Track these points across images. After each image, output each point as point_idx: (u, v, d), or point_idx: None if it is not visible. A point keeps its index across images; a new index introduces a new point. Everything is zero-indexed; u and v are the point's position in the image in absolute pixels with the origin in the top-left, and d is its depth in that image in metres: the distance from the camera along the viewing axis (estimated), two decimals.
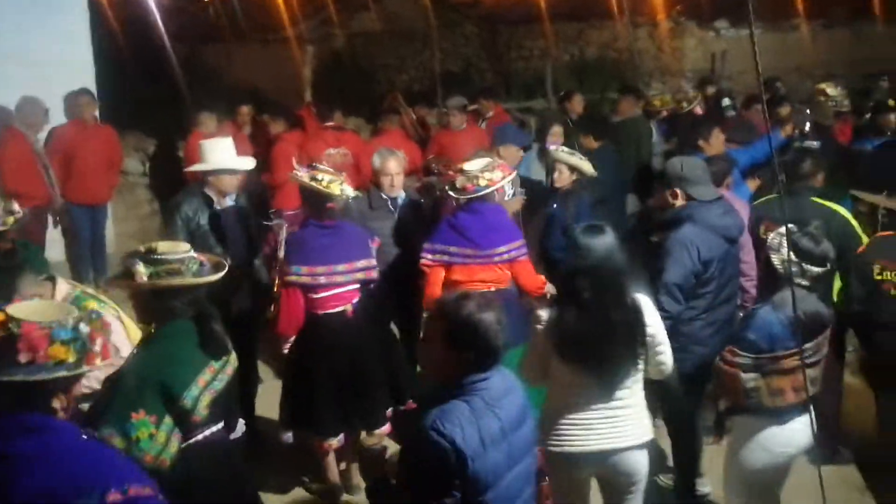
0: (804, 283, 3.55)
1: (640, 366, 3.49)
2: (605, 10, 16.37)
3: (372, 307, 4.71)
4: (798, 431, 3.59)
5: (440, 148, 7.87)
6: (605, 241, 3.39)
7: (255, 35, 15.51)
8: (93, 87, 8.14)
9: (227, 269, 3.24)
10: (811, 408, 3.49)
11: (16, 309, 2.21)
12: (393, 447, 3.48)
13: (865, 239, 4.82)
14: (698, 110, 9.17)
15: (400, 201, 5.58)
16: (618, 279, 3.38)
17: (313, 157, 6.97)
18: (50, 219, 7.50)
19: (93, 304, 3.51)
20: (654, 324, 3.52)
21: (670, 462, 4.81)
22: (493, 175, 4.84)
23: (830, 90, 8.69)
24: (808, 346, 3.50)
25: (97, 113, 8.04)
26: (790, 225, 3.54)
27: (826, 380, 4.73)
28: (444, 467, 2.42)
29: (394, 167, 5.49)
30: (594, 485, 3.73)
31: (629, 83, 11.61)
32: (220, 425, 3.14)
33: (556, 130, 7.25)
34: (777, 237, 3.62)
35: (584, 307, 3.32)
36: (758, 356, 3.52)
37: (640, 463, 3.53)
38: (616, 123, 8.41)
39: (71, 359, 2.18)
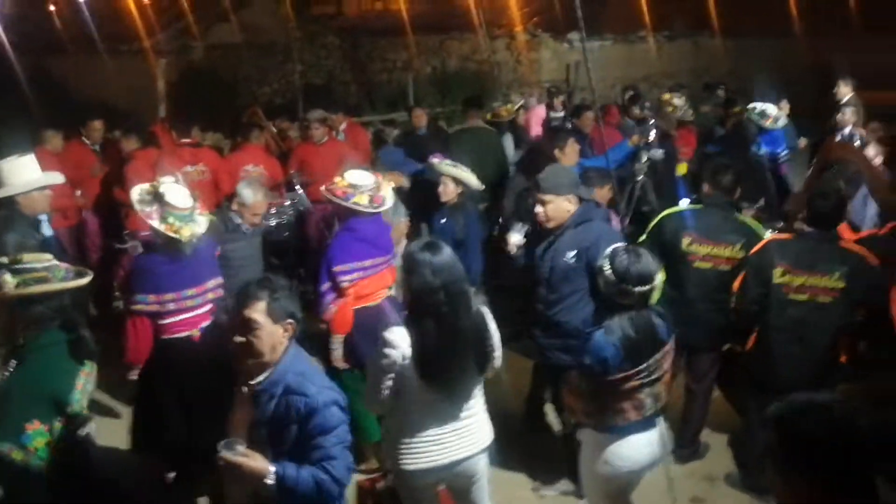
0: (629, 302, 3.53)
1: (484, 374, 3.54)
2: (465, 22, 16.71)
3: (220, 331, 4.52)
4: (641, 448, 3.65)
5: (301, 162, 7.79)
6: (445, 258, 3.37)
7: (106, 46, 14.85)
8: None
9: (91, 275, 3.24)
10: (659, 422, 3.67)
11: None
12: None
13: None
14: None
15: (251, 228, 5.45)
16: (465, 292, 3.40)
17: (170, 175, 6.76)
18: None
19: None
20: (494, 330, 3.55)
21: None
22: (388, 192, 4.87)
23: (675, 100, 9.08)
24: (645, 365, 3.52)
25: None
26: (617, 247, 3.64)
27: (703, 385, 5.04)
28: (343, 410, 2.89)
29: (261, 205, 5.40)
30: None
31: (489, 94, 11.86)
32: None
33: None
34: (603, 260, 3.60)
35: (442, 322, 3.32)
36: (594, 380, 3.55)
37: (482, 464, 3.61)
38: (455, 134, 8.52)
39: None
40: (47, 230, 4.88)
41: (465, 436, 3.49)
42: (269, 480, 2.71)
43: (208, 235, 4.84)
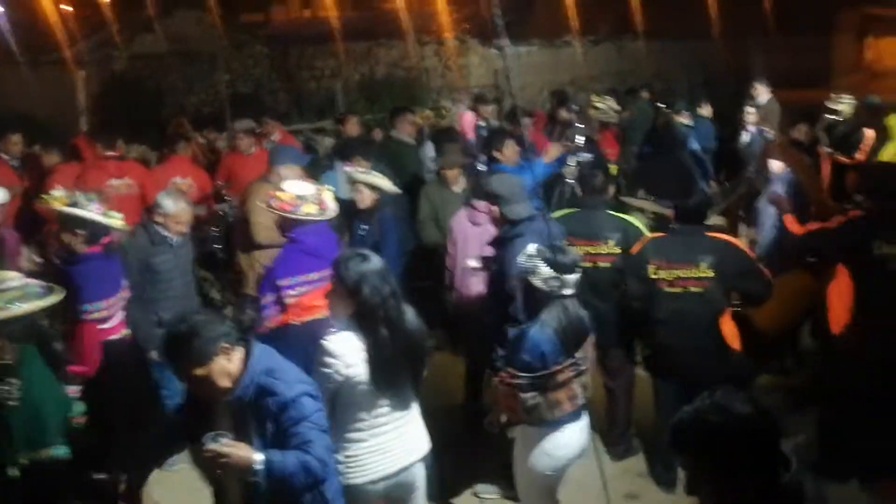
0: (569, 292, 3.70)
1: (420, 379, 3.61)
2: (394, 28, 16.69)
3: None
4: (575, 435, 3.81)
5: (229, 173, 7.71)
6: (376, 265, 3.45)
7: (24, 57, 14.37)
8: None
9: (62, 292, 3.38)
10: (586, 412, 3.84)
11: None
12: None
13: None
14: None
15: (177, 238, 5.39)
16: (397, 298, 3.46)
17: (92, 190, 6.62)
18: None
19: None
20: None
21: None
22: (331, 198, 4.84)
23: (600, 103, 9.31)
24: (578, 355, 3.72)
25: None
26: (537, 246, 3.76)
27: (621, 380, 5.21)
28: (315, 398, 2.96)
29: (185, 215, 5.35)
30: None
31: (419, 100, 11.89)
32: None
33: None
34: (529, 259, 3.69)
35: (394, 329, 3.39)
36: (533, 375, 3.63)
37: (421, 473, 3.66)
38: (380, 143, 8.54)
39: None
40: None
41: (406, 442, 3.53)
42: (258, 466, 2.79)
43: (136, 240, 5.10)
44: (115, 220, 4.68)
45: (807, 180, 6.13)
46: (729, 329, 4.65)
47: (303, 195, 4.70)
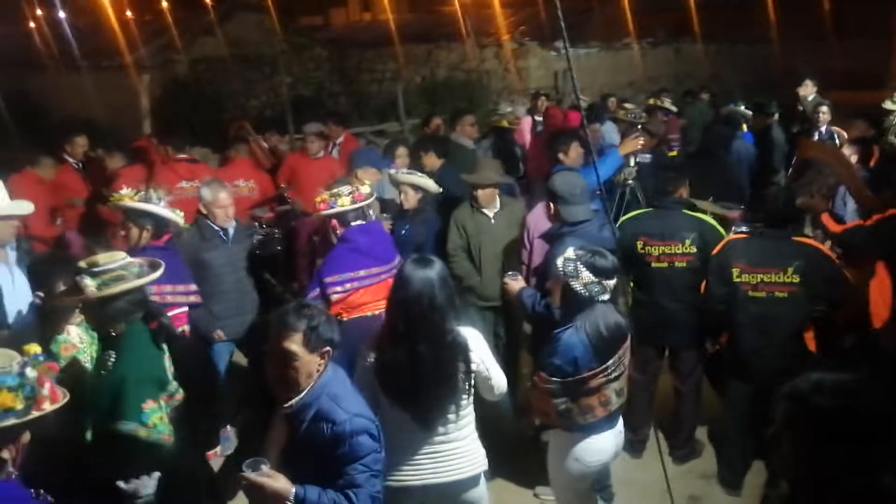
0: (606, 298, 3.64)
1: (466, 401, 3.42)
2: (453, 31, 16.65)
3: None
4: (608, 442, 3.77)
5: (292, 175, 7.57)
6: (426, 275, 3.29)
7: (87, 62, 14.54)
8: None
9: (163, 267, 3.55)
10: (620, 418, 3.83)
11: None
12: None
13: None
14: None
15: (230, 232, 5.44)
16: (432, 315, 3.27)
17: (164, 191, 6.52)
18: None
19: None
20: (481, 358, 3.46)
21: None
22: (366, 187, 4.92)
23: (627, 104, 9.21)
24: (611, 361, 3.63)
25: None
26: (577, 249, 3.71)
27: (691, 383, 5.10)
28: (375, 438, 2.80)
29: (225, 199, 5.40)
30: None
31: (479, 103, 11.76)
32: None
33: (401, 152, 7.18)
34: (569, 263, 3.64)
35: (397, 342, 3.28)
36: (564, 380, 3.59)
37: (472, 493, 3.51)
38: (454, 142, 8.38)
39: (19, 406, 2.21)
40: (11, 260, 4.57)
41: (441, 460, 3.41)
42: (289, 503, 2.69)
43: (187, 237, 5.22)
44: (180, 219, 4.84)
45: (846, 176, 5.89)
46: (808, 333, 4.62)
47: (337, 192, 4.81)
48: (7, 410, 2.18)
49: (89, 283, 3.28)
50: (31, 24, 16.74)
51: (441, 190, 5.85)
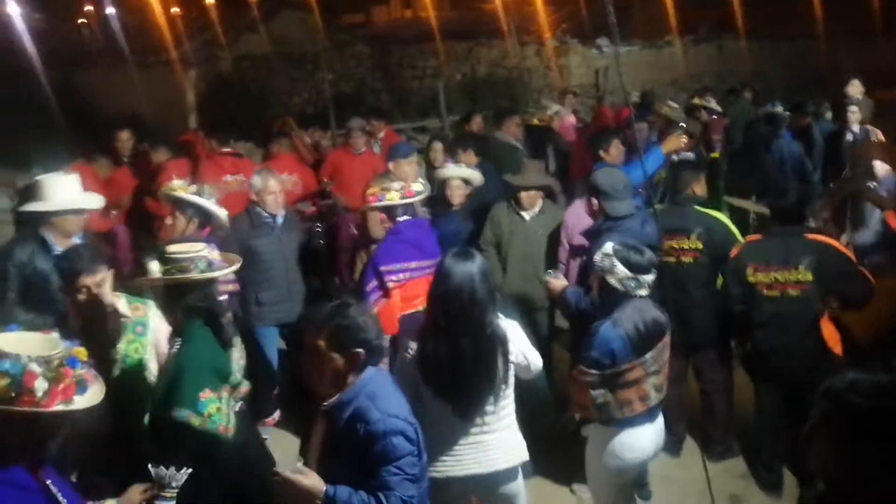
0: (643, 293, 3.64)
1: (505, 391, 3.43)
2: (494, 29, 16.63)
3: None
4: (647, 438, 3.73)
5: (335, 170, 7.60)
6: (467, 268, 3.30)
7: (134, 58, 14.80)
8: None
9: (237, 264, 3.60)
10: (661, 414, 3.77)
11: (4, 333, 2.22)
12: None
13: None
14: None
15: (280, 220, 5.48)
16: (472, 309, 3.27)
17: (209, 184, 6.60)
18: None
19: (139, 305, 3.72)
20: (520, 350, 3.49)
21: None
22: (418, 185, 4.95)
23: (670, 101, 9.09)
24: (648, 355, 3.62)
25: None
26: (614, 244, 3.69)
27: (715, 382, 5.03)
28: (411, 441, 2.72)
29: (275, 185, 5.46)
30: None
31: (519, 100, 11.74)
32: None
33: (437, 147, 7.18)
34: (605, 258, 3.65)
35: (439, 334, 3.29)
36: (602, 372, 3.59)
37: (511, 485, 3.53)
38: (492, 139, 8.35)
39: (5, 394, 2.14)
40: None
41: (483, 451, 3.44)
42: (319, 501, 2.67)
43: (236, 225, 5.25)
44: (223, 215, 4.92)
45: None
46: (829, 332, 4.50)
47: (387, 186, 4.86)
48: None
49: (155, 268, 3.36)
50: (81, 21, 17.07)
51: (483, 181, 5.83)
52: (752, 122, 8.76)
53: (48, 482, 2.28)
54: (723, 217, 5.07)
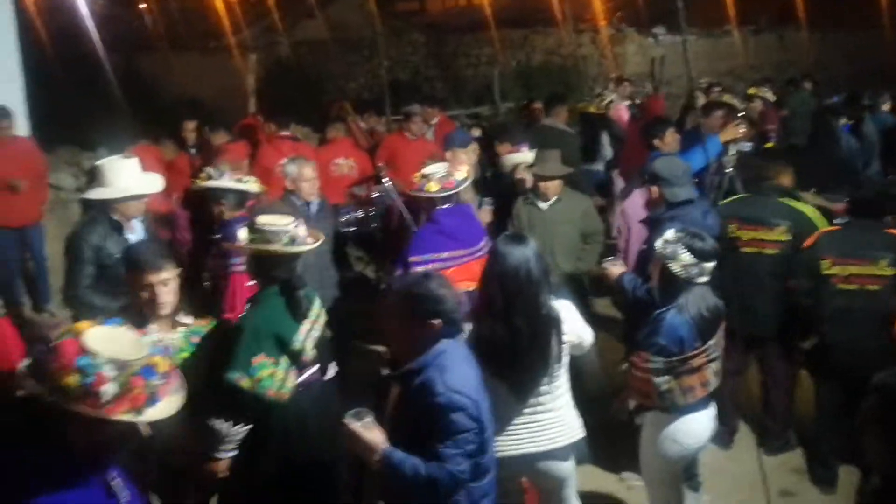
0: (704, 280, 3.65)
1: (559, 371, 3.50)
2: (549, 16, 16.53)
3: None
4: (704, 424, 3.76)
5: (390, 155, 7.67)
6: (522, 251, 3.37)
7: (194, 43, 15.08)
8: (21, 100, 7.68)
9: (321, 240, 3.76)
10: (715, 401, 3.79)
11: (95, 328, 2.14)
12: None
13: None
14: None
15: (314, 207, 5.53)
16: (528, 290, 3.35)
17: (266, 167, 6.69)
18: None
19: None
20: (575, 329, 3.57)
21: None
22: (461, 174, 4.96)
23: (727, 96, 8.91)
24: (711, 341, 3.65)
25: (11, 127, 7.48)
26: (677, 231, 3.69)
27: (778, 375, 4.99)
28: (471, 418, 2.77)
29: (310, 173, 5.53)
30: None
31: (574, 88, 11.67)
32: (317, 367, 3.72)
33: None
34: (669, 245, 3.65)
35: (495, 315, 3.35)
36: (669, 359, 3.59)
37: (564, 465, 3.60)
38: (537, 128, 8.31)
39: (73, 391, 2.01)
40: (139, 234, 4.78)
41: (538, 430, 3.50)
42: (376, 457, 2.80)
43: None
44: (250, 184, 5.11)
45: None
46: None
47: (428, 174, 4.89)
48: (60, 388, 2.01)
49: (243, 235, 3.59)
50: (143, 6, 17.42)
51: None
52: (817, 113, 8.59)
53: (111, 481, 2.22)
54: (810, 210, 4.96)
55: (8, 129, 7.18)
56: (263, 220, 3.58)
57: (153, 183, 4.83)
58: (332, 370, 3.88)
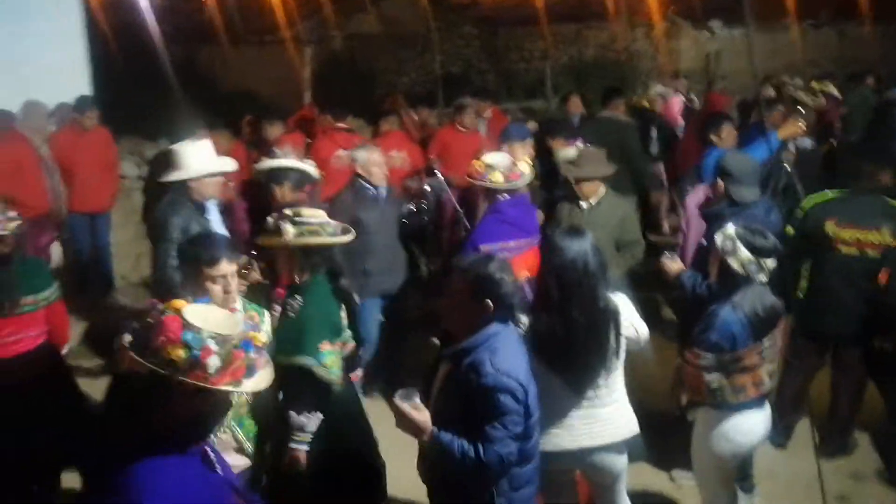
0: (763, 278, 3.62)
1: (616, 365, 3.52)
2: (603, 11, 16.38)
3: None
4: (758, 423, 3.74)
5: (442, 147, 7.74)
6: (580, 245, 3.39)
7: (251, 37, 15.31)
8: (88, 92, 7.96)
9: (354, 234, 3.86)
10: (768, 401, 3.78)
11: (190, 306, 2.28)
12: None
13: None
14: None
15: (383, 192, 5.65)
16: (586, 283, 3.37)
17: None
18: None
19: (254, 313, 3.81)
20: (632, 324, 3.58)
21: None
22: (524, 165, 5.01)
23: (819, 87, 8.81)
24: (766, 341, 3.62)
25: (96, 118, 7.80)
26: (737, 226, 3.65)
27: (851, 378, 4.91)
28: (518, 401, 2.83)
29: (379, 158, 5.66)
30: None
31: (628, 83, 11.60)
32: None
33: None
34: (728, 241, 3.64)
35: (552, 308, 3.37)
36: (720, 356, 3.57)
37: (619, 459, 3.62)
38: (595, 120, 8.26)
39: (182, 363, 2.14)
40: (215, 214, 4.94)
41: (594, 424, 3.51)
42: (425, 437, 2.88)
43: (341, 199, 5.53)
44: (309, 167, 5.19)
45: None
46: None
47: (492, 164, 4.90)
48: (169, 362, 2.13)
49: (290, 230, 3.61)
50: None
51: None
52: (878, 107, 8.38)
53: (208, 449, 2.38)
54: None
55: (92, 120, 7.51)
56: (305, 212, 3.68)
57: (227, 163, 5.00)
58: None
